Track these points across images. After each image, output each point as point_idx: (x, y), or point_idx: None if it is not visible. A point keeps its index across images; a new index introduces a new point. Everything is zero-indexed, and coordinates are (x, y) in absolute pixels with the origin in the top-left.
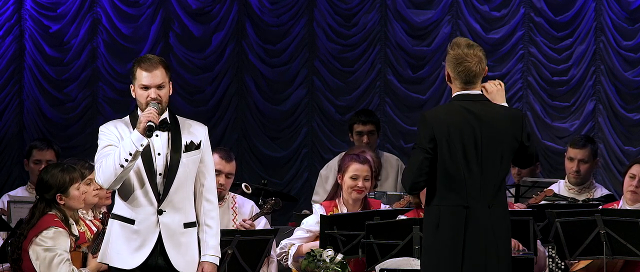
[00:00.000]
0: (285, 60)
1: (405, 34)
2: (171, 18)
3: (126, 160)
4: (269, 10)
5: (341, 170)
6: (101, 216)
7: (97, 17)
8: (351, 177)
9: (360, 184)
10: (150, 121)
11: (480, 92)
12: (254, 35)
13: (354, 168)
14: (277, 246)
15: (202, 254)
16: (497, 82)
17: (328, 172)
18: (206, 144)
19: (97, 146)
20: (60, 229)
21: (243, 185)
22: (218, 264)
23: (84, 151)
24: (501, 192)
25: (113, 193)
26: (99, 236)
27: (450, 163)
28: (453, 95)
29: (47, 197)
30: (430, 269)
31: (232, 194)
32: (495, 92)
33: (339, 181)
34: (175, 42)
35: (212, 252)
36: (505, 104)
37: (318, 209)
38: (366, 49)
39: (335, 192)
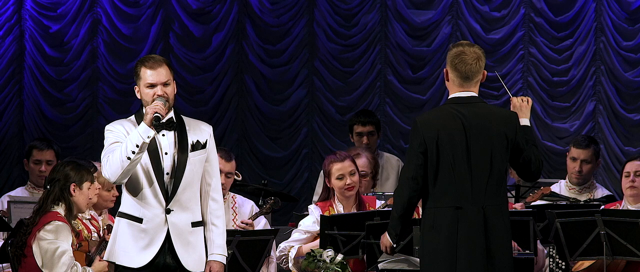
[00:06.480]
0: (286, 60)
1: (406, 34)
2: (171, 18)
3: (133, 152)
4: (269, 10)
5: (327, 175)
6: (105, 226)
7: (97, 17)
8: (337, 178)
9: (348, 181)
10: (157, 112)
11: (474, 94)
12: (254, 36)
13: (337, 168)
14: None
15: (209, 253)
16: (525, 98)
17: None
18: (211, 144)
19: (97, 146)
20: (63, 223)
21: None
22: (225, 263)
23: (84, 151)
24: (498, 194)
25: (117, 196)
26: (103, 243)
27: (441, 166)
28: (449, 97)
29: (60, 187)
30: (427, 270)
31: (232, 194)
32: (519, 107)
33: (329, 185)
34: (175, 42)
35: (220, 251)
36: (527, 121)
37: (314, 210)
38: (366, 49)
39: (328, 193)
